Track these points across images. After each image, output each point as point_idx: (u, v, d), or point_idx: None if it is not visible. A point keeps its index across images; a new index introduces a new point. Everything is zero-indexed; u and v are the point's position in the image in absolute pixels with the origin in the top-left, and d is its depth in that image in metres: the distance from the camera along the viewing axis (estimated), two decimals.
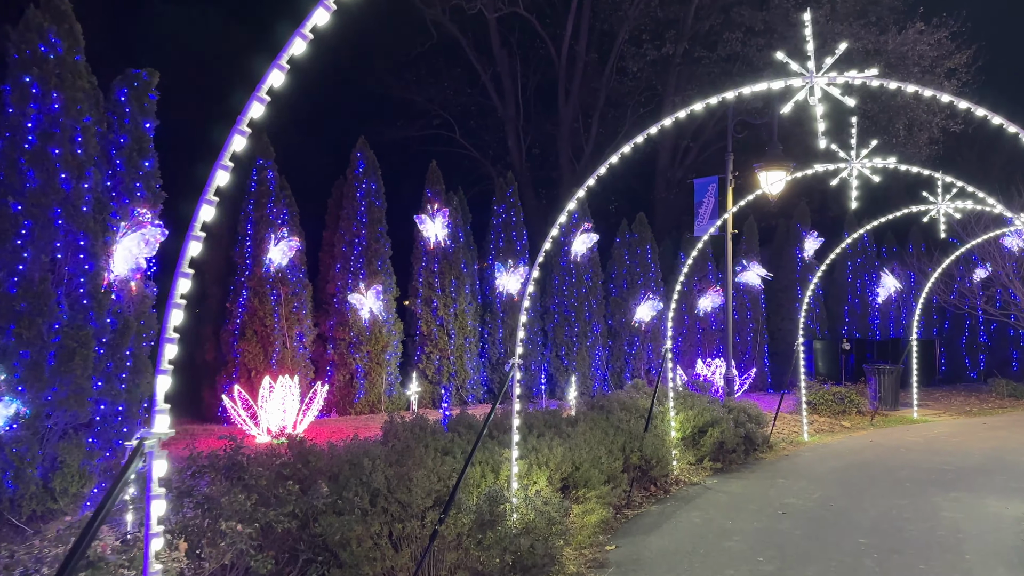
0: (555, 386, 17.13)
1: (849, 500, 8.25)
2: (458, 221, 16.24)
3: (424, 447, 6.77)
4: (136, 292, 7.93)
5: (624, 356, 17.96)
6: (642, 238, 18.36)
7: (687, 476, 8.94)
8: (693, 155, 27.08)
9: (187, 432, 13.21)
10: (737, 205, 10.96)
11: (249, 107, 3.46)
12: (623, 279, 18.23)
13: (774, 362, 20.19)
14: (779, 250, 21.11)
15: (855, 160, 8.44)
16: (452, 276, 15.83)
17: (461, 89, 26.75)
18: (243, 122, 3.42)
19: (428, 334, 15.75)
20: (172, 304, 3.41)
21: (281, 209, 14.53)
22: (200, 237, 3.70)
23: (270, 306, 14.22)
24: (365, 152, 15.34)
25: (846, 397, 15.11)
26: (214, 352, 14.83)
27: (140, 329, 7.90)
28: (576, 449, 6.87)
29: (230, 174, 3.73)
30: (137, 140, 7.90)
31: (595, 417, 8.60)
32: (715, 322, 19.00)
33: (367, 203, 15.16)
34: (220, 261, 15.20)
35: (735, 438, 9.84)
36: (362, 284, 14.90)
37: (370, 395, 15.00)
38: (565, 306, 17.29)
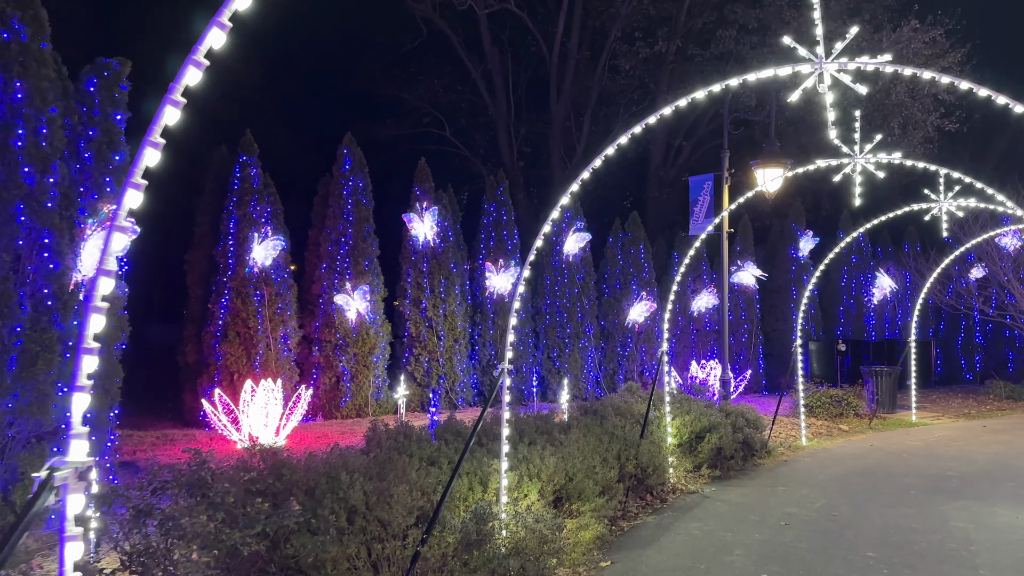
0: (547, 388, 16.78)
1: (854, 509, 7.92)
2: (448, 220, 15.86)
3: (409, 457, 6.40)
4: None
5: (617, 358, 17.63)
6: (635, 237, 18.02)
7: (684, 484, 8.60)
8: (686, 154, 26.80)
9: (166, 437, 12.80)
10: (735, 203, 10.62)
11: (184, 71, 3.06)
12: (616, 279, 17.89)
13: (769, 364, 19.89)
14: (773, 250, 20.82)
15: (859, 155, 8.11)
16: (441, 276, 15.45)
17: (451, 87, 26.36)
18: (177, 90, 3.03)
19: (417, 336, 15.36)
20: (91, 308, 3.00)
21: (265, 207, 14.12)
22: (127, 229, 3.28)
23: (253, 307, 13.82)
24: (351, 148, 14.95)
25: (844, 400, 14.81)
26: (196, 354, 14.41)
27: (110, 333, 7.49)
28: (569, 459, 6.51)
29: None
30: (107, 133, 7.49)
31: (589, 423, 8.24)
32: (709, 323, 18.69)
33: (354, 201, 14.77)
34: (202, 261, 14.79)
35: (733, 444, 9.50)
36: (348, 284, 14.51)
37: (357, 399, 14.60)
38: (557, 307, 16.93)
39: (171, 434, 13.05)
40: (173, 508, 4.45)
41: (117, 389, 7.55)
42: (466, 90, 26.50)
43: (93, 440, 7.23)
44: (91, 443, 7.26)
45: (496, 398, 6.10)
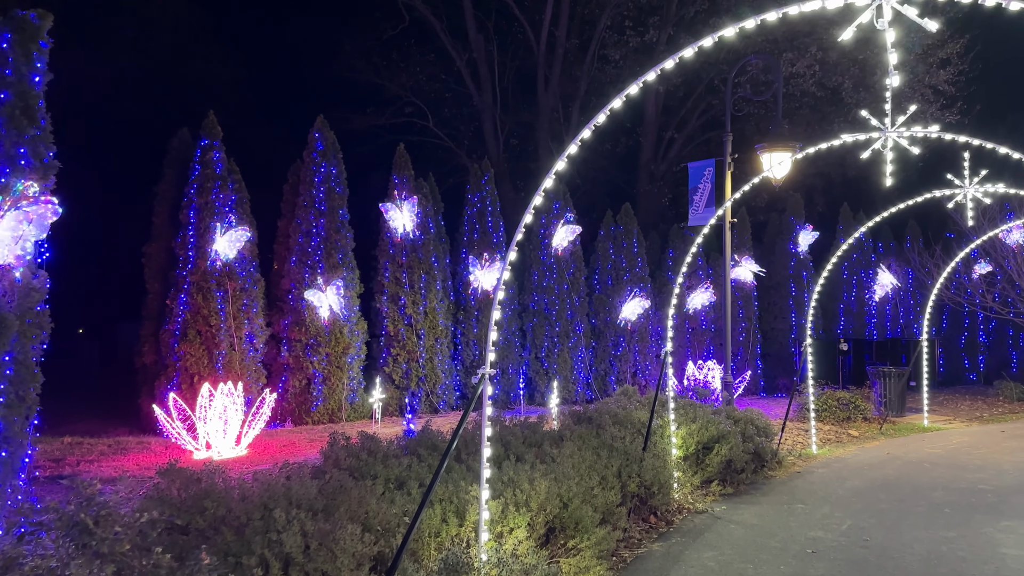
0: (534, 391, 15.75)
1: (886, 532, 6.94)
2: (428, 211, 14.79)
3: (372, 480, 5.35)
4: (20, 283, 6.42)
5: (609, 358, 16.62)
6: (628, 230, 17.02)
7: (692, 502, 7.59)
8: (677, 147, 25.86)
9: (118, 446, 11.66)
10: (740, 190, 9.62)
11: None
12: (608, 274, 16.88)
13: (766, 364, 18.95)
14: (771, 245, 19.88)
15: (890, 128, 7.13)
16: (421, 271, 14.37)
17: (435, 75, 25.28)
18: None
19: (395, 334, 14.28)
20: None
21: (229, 195, 13.01)
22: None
23: (215, 304, 12.70)
24: (324, 132, 13.84)
25: (851, 403, 13.87)
26: (154, 355, 13.27)
27: (26, 330, 6.38)
28: (564, 480, 5.47)
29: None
30: (21, 96, 6.37)
31: (584, 433, 7.21)
32: (706, 321, 17.72)
33: (326, 189, 13.67)
34: (161, 254, 13.64)
35: (744, 455, 8.51)
36: (321, 279, 13.41)
37: (329, 402, 13.50)
38: (545, 304, 15.90)
39: (125, 442, 11.91)
40: (46, 562, 3.38)
41: (35, 396, 6.44)
42: (450, 79, 25.43)
43: (4, 456, 6.13)
44: (1, 459, 6.17)
45: (477, 406, 5.07)
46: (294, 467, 5.87)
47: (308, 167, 13.77)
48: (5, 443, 6.21)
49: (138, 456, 10.74)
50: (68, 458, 10.60)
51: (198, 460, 10.38)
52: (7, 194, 6.23)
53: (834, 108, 23.29)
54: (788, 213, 19.89)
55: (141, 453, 10.98)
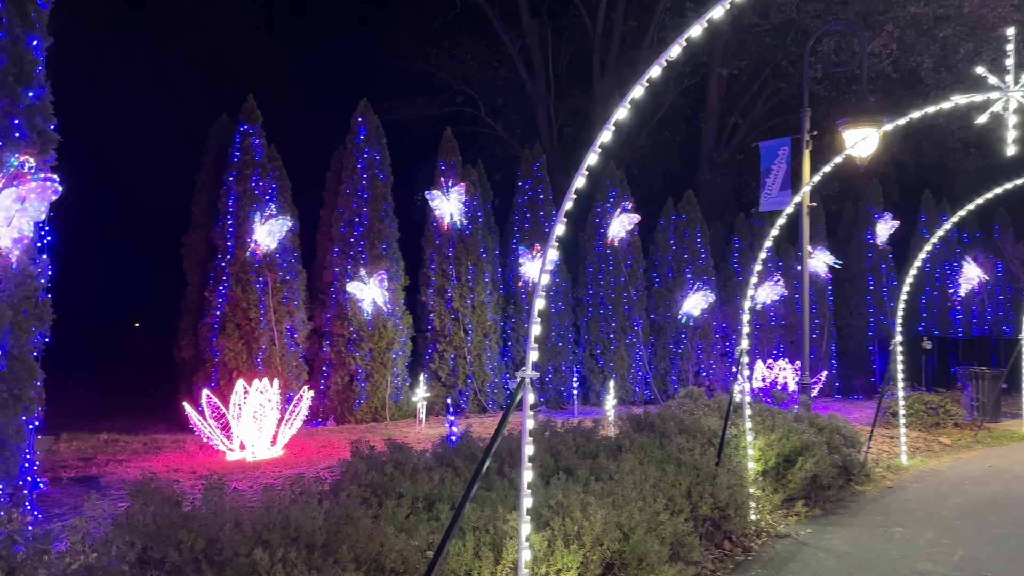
0: (589, 390, 14.79)
1: (1009, 565, 5.83)
2: (476, 199, 13.96)
3: (396, 499, 4.51)
4: (17, 270, 5.78)
5: (669, 356, 15.55)
6: (690, 220, 15.91)
7: (771, 525, 6.57)
8: (741, 134, 24.52)
9: (153, 444, 11.15)
10: (821, 171, 8.48)
11: None
12: (668, 267, 15.80)
13: (842, 363, 17.61)
14: (846, 235, 18.51)
15: (1013, 87, 5.99)
16: (469, 262, 13.55)
17: (486, 63, 24.46)
18: None
19: (441, 329, 13.50)
20: None
21: (269, 183, 12.41)
22: None
23: (255, 296, 12.12)
24: (367, 116, 13.13)
25: (940, 407, 12.56)
26: (192, 349, 12.78)
27: (22, 322, 5.75)
28: (624, 505, 4.55)
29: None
30: (17, 62, 5.73)
31: (646, 443, 6.27)
32: (775, 317, 16.49)
33: (369, 175, 12.96)
34: (200, 244, 13.15)
35: (830, 469, 7.45)
36: (363, 271, 12.71)
37: (373, 400, 12.80)
38: (601, 298, 14.93)
39: (160, 440, 11.41)
40: None
41: (31, 394, 5.81)
42: (502, 67, 24.59)
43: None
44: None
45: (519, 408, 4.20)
46: (311, 481, 5.09)
47: (350, 153, 13.08)
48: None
49: (170, 456, 10.18)
50: (99, 457, 10.12)
51: (231, 461, 9.79)
52: (1, 168, 5.59)
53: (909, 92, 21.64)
54: (865, 201, 18.49)
55: (174, 453, 10.43)
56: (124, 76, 22.98)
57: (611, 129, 3.85)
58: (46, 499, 7.94)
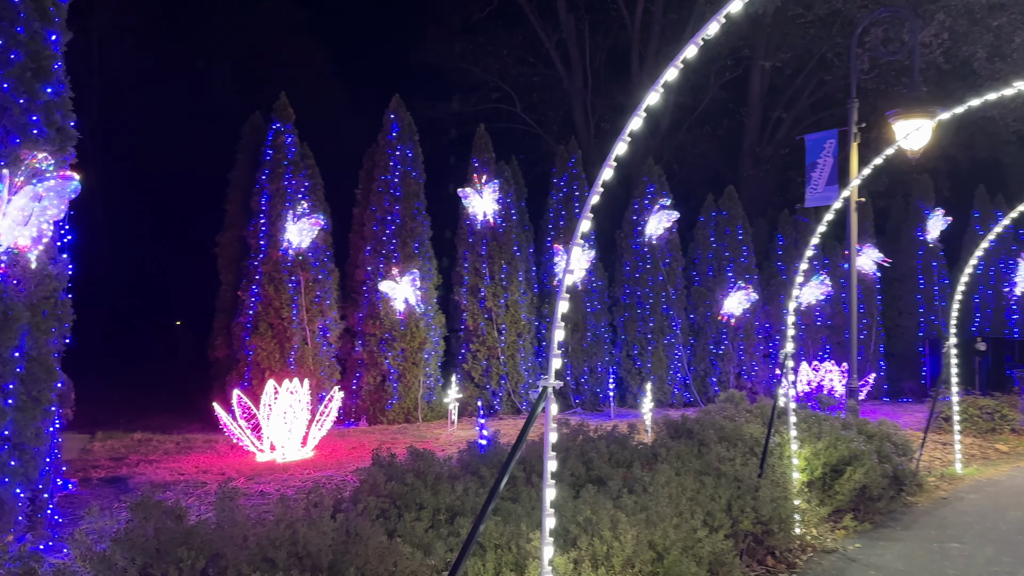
0: (626, 392, 14.43)
1: None
2: (510, 196, 13.69)
3: (416, 511, 4.26)
4: (36, 269, 5.67)
5: (709, 357, 15.10)
6: (732, 216, 15.43)
7: (817, 539, 6.19)
8: (785, 128, 23.84)
9: (185, 444, 11.12)
10: (871, 163, 8.02)
11: None
12: (708, 264, 15.34)
13: (890, 365, 16.96)
14: (895, 232, 17.83)
15: None
16: (502, 260, 13.30)
17: (523, 59, 24.17)
18: None
19: (474, 329, 13.27)
20: None
21: (302, 181, 12.31)
22: None
23: (288, 295, 12.03)
24: (400, 113, 12.94)
25: (996, 411, 11.94)
26: (225, 349, 12.75)
27: (41, 323, 5.64)
28: (658, 522, 4.25)
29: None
30: (34, 58, 5.62)
31: (683, 452, 5.94)
32: (820, 317, 15.93)
33: (401, 173, 12.77)
34: (233, 243, 13.12)
35: (881, 479, 7.02)
36: (395, 270, 12.53)
37: (405, 401, 12.62)
38: (638, 296, 14.55)
39: (192, 440, 11.38)
40: None
41: (51, 396, 5.69)
42: (539, 62, 24.29)
43: (12, 466, 5.38)
44: (10, 468, 5.43)
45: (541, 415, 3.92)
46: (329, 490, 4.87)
47: (383, 150, 12.91)
48: (16, 451, 5.47)
49: (200, 457, 10.11)
50: (130, 456, 10.10)
51: (261, 463, 9.68)
52: (18, 167, 5.48)
53: (961, 84, 20.78)
54: (914, 197, 17.79)
55: (205, 453, 10.37)
56: (165, 77, 23.21)
57: (642, 115, 3.54)
58: (74, 500, 7.89)
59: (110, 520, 7.15)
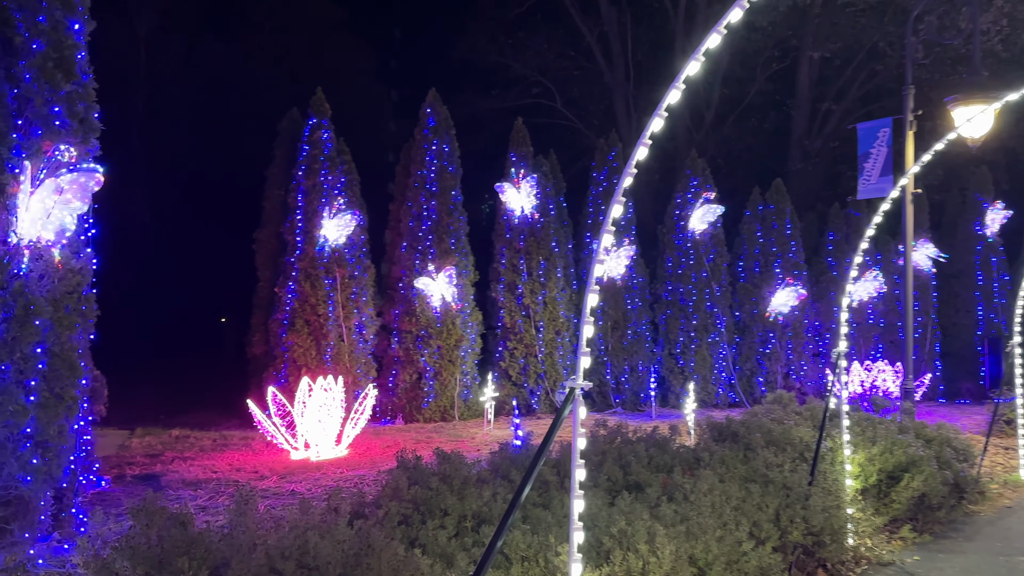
0: (668, 391, 14.03)
1: None
2: (548, 191, 13.40)
3: (440, 518, 4.02)
4: (59, 263, 5.57)
5: (756, 356, 14.61)
6: (779, 210, 14.91)
7: (872, 550, 5.79)
8: (835, 120, 23.10)
9: (222, 441, 11.09)
10: (931, 150, 7.53)
11: None
12: (755, 260, 14.84)
13: (947, 365, 16.25)
14: (951, 227, 17.09)
15: None
16: (540, 257, 13.01)
17: (563, 53, 23.84)
18: None
19: (511, 326, 13.01)
20: None
21: (338, 177, 12.20)
22: None
23: (323, 292, 11.92)
24: (436, 107, 12.74)
25: None
26: (263, 345, 12.70)
27: (64, 318, 5.52)
28: (700, 535, 3.93)
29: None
30: (56, 47, 5.50)
31: (728, 457, 5.60)
32: (873, 315, 15.32)
33: (437, 168, 12.57)
34: (271, 239, 13.07)
35: (941, 487, 6.57)
36: (432, 266, 12.34)
37: (441, 399, 12.42)
38: (680, 293, 14.14)
39: (229, 437, 11.34)
40: None
41: (74, 394, 5.57)
42: (579, 56, 23.94)
43: (35, 464, 5.28)
44: (32, 467, 5.33)
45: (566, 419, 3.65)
46: (351, 494, 4.66)
47: (419, 145, 12.73)
48: (39, 449, 5.37)
49: (235, 454, 10.04)
50: (166, 453, 10.07)
51: (295, 461, 9.56)
52: (39, 160, 5.37)
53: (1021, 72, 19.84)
54: (972, 190, 17.02)
55: (240, 451, 10.29)
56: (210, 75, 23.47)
57: (680, 87, 3.23)
58: (106, 498, 7.84)
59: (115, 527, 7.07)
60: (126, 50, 24.29)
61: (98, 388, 8.37)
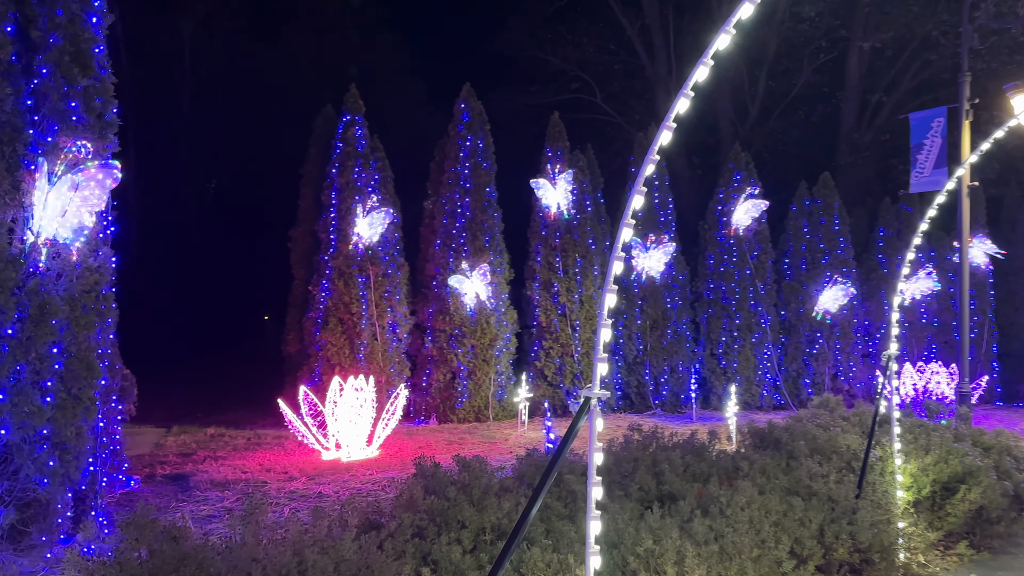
0: (709, 392, 13.61)
1: None
2: (585, 187, 13.08)
3: (457, 531, 3.78)
4: (76, 262, 5.47)
5: (802, 357, 14.09)
6: (827, 205, 14.34)
7: (925, 568, 5.39)
8: (886, 112, 22.30)
9: (256, 440, 11.03)
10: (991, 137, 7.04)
11: None
12: (801, 257, 14.32)
13: (1005, 366, 15.50)
14: (1010, 222, 16.30)
15: None
16: (576, 254, 12.71)
17: (604, 47, 23.45)
18: None
19: (547, 325, 12.73)
20: None
21: (371, 174, 12.06)
22: None
23: (357, 290, 11.81)
24: (470, 102, 12.52)
25: None
26: (298, 344, 12.65)
27: (80, 318, 5.43)
28: (735, 554, 3.62)
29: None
30: (73, 41, 5.41)
31: (769, 467, 5.26)
32: (926, 314, 14.68)
33: (471, 164, 12.35)
34: (305, 238, 13.01)
35: (1000, 498, 6.12)
36: (465, 264, 12.13)
37: (475, 399, 12.22)
38: (723, 292, 13.70)
39: (263, 436, 11.29)
40: None
41: (92, 395, 5.48)
42: (620, 50, 23.51)
43: (52, 466, 5.18)
44: (49, 469, 5.24)
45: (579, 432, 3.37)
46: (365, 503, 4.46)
47: (452, 141, 12.53)
48: (56, 451, 5.28)
49: (267, 454, 9.96)
50: (199, 452, 10.04)
51: (325, 461, 9.44)
52: (56, 156, 5.28)
53: None
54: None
55: (273, 450, 10.22)
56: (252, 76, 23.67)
57: (709, 64, 2.92)
58: (133, 498, 7.79)
59: None
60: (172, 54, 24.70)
61: (127, 387, 8.34)
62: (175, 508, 7.44)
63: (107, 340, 5.82)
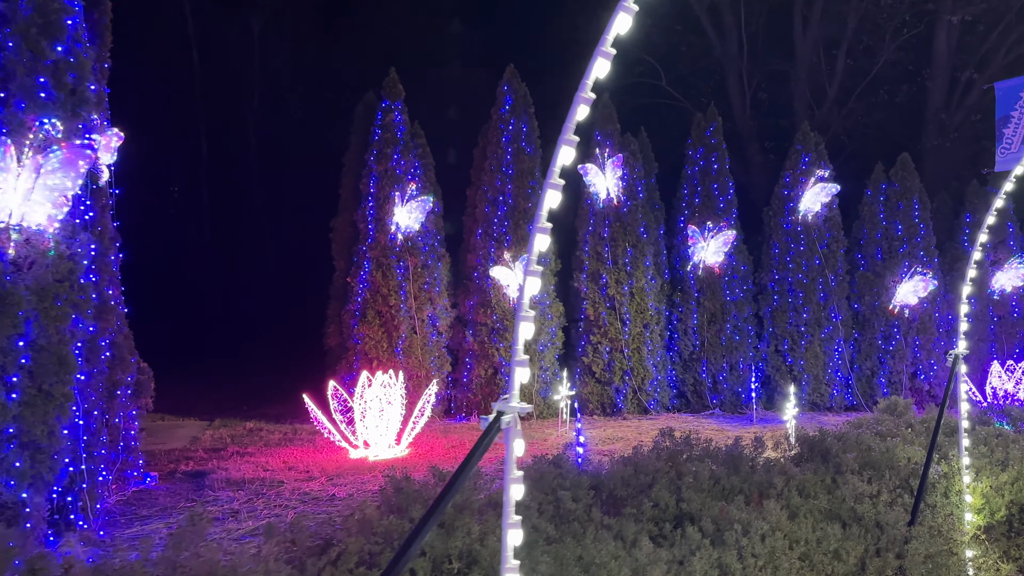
0: (774, 391, 12.63)
1: None
2: (636, 172, 12.29)
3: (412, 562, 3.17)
4: (48, 249, 5.13)
5: (877, 354, 12.94)
6: (906, 189, 13.12)
7: None
8: (977, 91, 20.55)
9: (290, 435, 10.76)
10: None
11: None
12: (876, 246, 13.13)
13: None
14: None
15: None
16: (627, 243, 11.94)
17: (669, 27, 22.37)
18: None
19: (595, 319, 12.02)
20: None
21: (411, 161, 11.62)
22: None
23: (395, 282, 11.40)
24: (513, 84, 11.92)
25: None
26: (337, 337, 12.32)
27: (52, 309, 5.08)
28: None
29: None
30: (41, 12, 5.05)
31: (808, 483, 4.49)
32: (1018, 308, 13.29)
33: (514, 149, 11.75)
34: (346, 227, 12.66)
35: None
36: (507, 254, 11.55)
37: None
38: (789, 283, 12.70)
39: (298, 431, 11.00)
40: None
41: (66, 390, 5.12)
42: (687, 30, 22.41)
43: (19, 467, 4.85)
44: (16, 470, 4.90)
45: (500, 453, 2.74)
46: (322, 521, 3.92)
47: (495, 125, 11.96)
48: (25, 451, 4.94)
49: (296, 451, 9.65)
50: (230, 447, 9.83)
51: (351, 460, 9.07)
52: (22, 135, 4.93)
53: None
54: None
55: (303, 447, 9.91)
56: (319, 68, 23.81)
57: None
58: (145, 496, 7.56)
59: (162, 523, 6.64)
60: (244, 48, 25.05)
61: (144, 381, 8.10)
62: (182, 508, 7.14)
63: (86, 333, 5.47)
